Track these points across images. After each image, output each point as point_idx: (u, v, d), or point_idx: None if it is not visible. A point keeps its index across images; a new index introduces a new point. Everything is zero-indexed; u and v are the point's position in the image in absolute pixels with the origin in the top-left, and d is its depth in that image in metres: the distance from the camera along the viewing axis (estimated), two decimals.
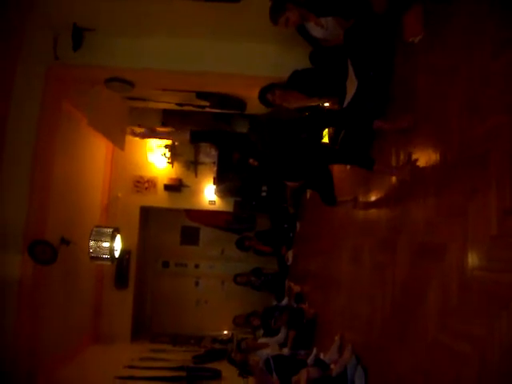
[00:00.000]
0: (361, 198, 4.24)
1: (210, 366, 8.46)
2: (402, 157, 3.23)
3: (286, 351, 6.14)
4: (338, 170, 5.10)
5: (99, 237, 6.36)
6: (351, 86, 4.08)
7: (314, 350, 5.14)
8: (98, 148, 9.33)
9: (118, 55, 5.94)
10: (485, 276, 2.01)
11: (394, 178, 3.33)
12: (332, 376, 3.95)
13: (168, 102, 8.23)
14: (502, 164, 1.92)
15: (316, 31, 4.56)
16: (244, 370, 6.04)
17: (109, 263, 6.87)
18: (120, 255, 6.96)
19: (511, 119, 1.89)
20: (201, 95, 7.59)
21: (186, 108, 8.43)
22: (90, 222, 7.92)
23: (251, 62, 6.06)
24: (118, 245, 6.62)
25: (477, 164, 2.13)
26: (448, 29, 2.61)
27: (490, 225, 1.95)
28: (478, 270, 2.07)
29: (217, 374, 7.89)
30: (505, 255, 1.86)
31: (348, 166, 4.84)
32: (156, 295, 11.58)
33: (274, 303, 8.47)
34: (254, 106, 7.22)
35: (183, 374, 7.98)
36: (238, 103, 7.86)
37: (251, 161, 8.08)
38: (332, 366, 4.17)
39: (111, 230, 6.50)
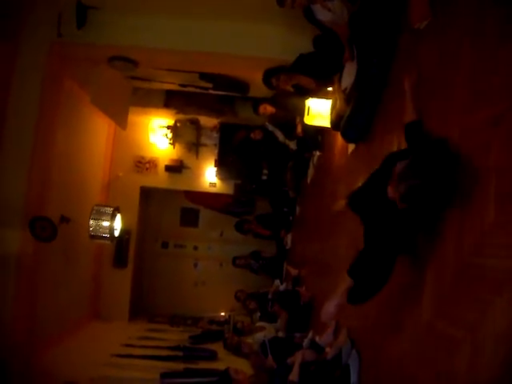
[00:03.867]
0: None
1: (206, 346, 8.53)
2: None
3: (281, 334, 6.20)
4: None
5: (99, 216, 6.38)
6: (351, 69, 4.07)
7: (310, 333, 5.18)
8: (100, 127, 9.32)
9: (121, 34, 5.92)
10: (481, 262, 2.02)
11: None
12: (327, 359, 3.99)
13: (171, 83, 8.21)
14: (502, 152, 1.92)
15: (322, 14, 4.54)
16: (238, 353, 6.09)
17: (108, 242, 6.89)
18: (120, 235, 6.98)
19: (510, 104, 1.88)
20: (204, 76, 7.57)
21: (188, 89, 8.42)
22: (91, 200, 7.94)
23: (256, 43, 6.03)
24: (117, 224, 6.63)
25: (478, 150, 2.13)
26: (455, 13, 2.58)
27: (488, 211, 1.96)
28: (474, 256, 2.08)
29: (213, 355, 7.95)
30: (501, 241, 1.87)
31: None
32: (155, 275, 11.62)
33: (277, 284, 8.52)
34: (257, 89, 7.23)
35: (180, 353, 8.04)
36: (241, 86, 7.85)
37: (253, 135, 8.11)
38: (327, 350, 4.20)
39: (111, 209, 6.51)
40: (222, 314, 10.38)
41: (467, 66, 2.34)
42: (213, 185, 10.55)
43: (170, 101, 9.41)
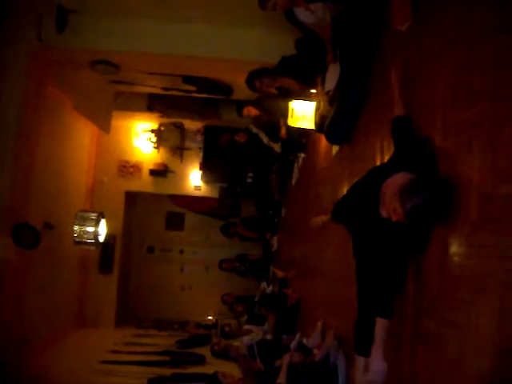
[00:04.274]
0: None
1: (194, 350, 8.50)
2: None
3: (269, 337, 6.19)
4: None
5: (83, 221, 6.32)
6: (334, 71, 4.08)
7: (297, 335, 5.18)
8: (83, 131, 9.26)
9: (102, 37, 5.87)
10: (464, 262, 2.03)
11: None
12: (315, 361, 3.99)
13: (154, 87, 8.17)
14: (484, 150, 1.94)
15: (304, 16, 4.54)
16: (226, 356, 6.07)
17: (93, 248, 6.84)
18: (104, 240, 6.93)
19: (493, 107, 1.89)
20: (187, 80, 7.55)
21: (172, 92, 8.39)
22: (75, 206, 7.87)
23: (238, 46, 6.03)
24: (102, 229, 6.58)
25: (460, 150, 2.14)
26: (437, 16, 2.60)
27: (471, 210, 1.97)
28: (457, 255, 2.09)
29: (201, 359, 7.93)
30: (485, 241, 1.88)
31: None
32: (141, 280, 11.57)
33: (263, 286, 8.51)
34: (241, 91, 7.22)
35: (167, 358, 8.01)
36: (225, 88, 7.84)
37: (237, 138, 8.11)
38: (315, 351, 4.21)
39: (96, 214, 6.46)
40: (210, 317, 10.37)
41: (448, 66, 2.35)
42: (198, 188, 10.53)
43: (153, 104, 9.37)
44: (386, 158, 3.16)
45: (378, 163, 3.33)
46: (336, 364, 3.69)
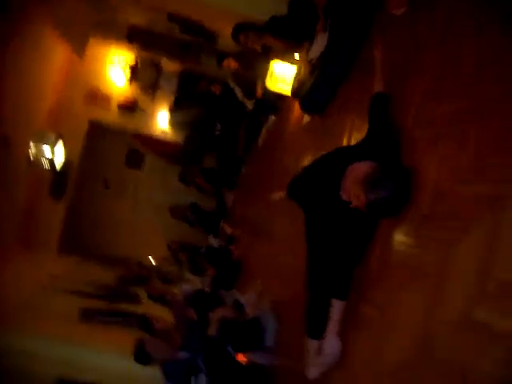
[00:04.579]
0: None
1: (132, 289, 8.53)
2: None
3: (207, 289, 6.26)
4: None
5: (41, 140, 6.18)
6: (322, 41, 4.05)
7: (234, 292, 5.26)
8: (57, 51, 8.91)
9: None
10: (407, 251, 2.09)
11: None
12: (245, 319, 4.07)
13: (137, 18, 7.95)
14: (450, 146, 1.97)
15: None
16: (162, 301, 6.11)
17: (47, 169, 6.71)
18: (60, 164, 6.81)
19: (471, 104, 1.92)
20: (173, 18, 7.37)
21: (155, 28, 8.18)
22: (35, 125, 7.64)
23: None
24: (59, 152, 6.45)
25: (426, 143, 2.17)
26: (431, 6, 2.59)
27: (424, 203, 2.01)
28: (402, 244, 2.14)
29: (137, 298, 7.97)
30: (431, 234, 1.93)
31: None
32: (91, 212, 11.43)
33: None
34: (225, 42, 7.10)
35: (106, 292, 8.02)
36: (209, 34, 7.70)
37: (212, 88, 8.01)
38: (247, 310, 4.28)
39: (54, 135, 6.31)
40: (152, 260, 10.38)
41: (434, 59, 2.36)
42: (164, 131, 10.38)
43: (133, 36, 9.12)
44: (354, 138, 3.18)
45: (345, 141, 3.35)
46: (266, 326, 3.77)
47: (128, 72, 9.93)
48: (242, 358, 3.85)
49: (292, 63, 5.29)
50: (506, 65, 1.78)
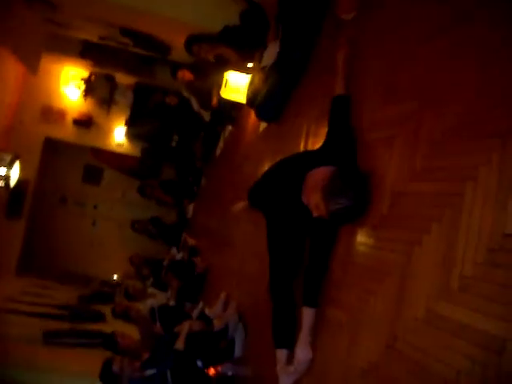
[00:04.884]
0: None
1: (95, 307, 8.39)
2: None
3: (172, 303, 6.20)
4: None
5: None
6: (273, 49, 4.08)
7: (200, 304, 5.22)
8: (9, 69, 8.76)
9: None
10: (369, 253, 2.11)
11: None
12: (213, 331, 4.04)
13: (89, 33, 7.86)
14: (404, 146, 2.01)
15: None
16: (126, 318, 6.02)
17: (2, 189, 6.56)
18: (16, 184, 6.67)
19: (421, 106, 1.96)
20: (125, 32, 7.31)
21: (108, 42, 8.11)
22: None
23: (183, 7, 5.90)
24: (15, 172, 6.32)
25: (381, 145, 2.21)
26: (381, 10, 2.64)
27: (382, 205, 2.04)
28: (364, 246, 2.17)
29: (100, 317, 7.84)
30: (391, 235, 1.96)
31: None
32: (50, 231, 11.20)
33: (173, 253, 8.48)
34: (178, 54, 7.09)
35: (66, 312, 7.86)
36: (163, 47, 7.66)
37: (168, 100, 7.98)
38: (215, 322, 4.25)
39: (10, 155, 6.19)
40: (115, 276, 10.24)
41: (384, 62, 2.40)
42: (120, 145, 10.28)
43: (86, 52, 9.03)
44: (311, 142, 3.21)
45: (302, 146, 3.37)
46: (234, 336, 3.76)
47: (82, 87, 9.83)
48: (212, 371, 3.83)
49: (246, 72, 5.32)
50: (455, 66, 1.82)
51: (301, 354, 2.36)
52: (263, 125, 4.72)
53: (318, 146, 2.72)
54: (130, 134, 10.01)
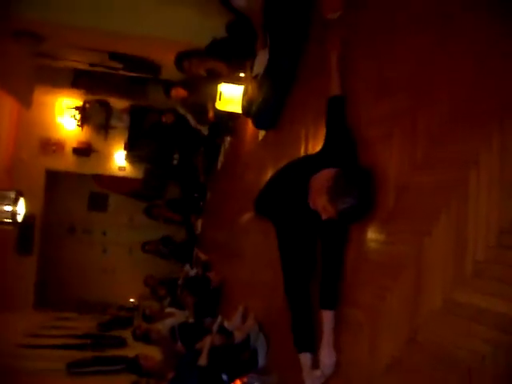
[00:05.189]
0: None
1: (115, 333, 8.39)
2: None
3: (191, 320, 6.19)
4: None
5: (1, 200, 6.06)
6: (263, 57, 4.10)
7: (219, 318, 5.21)
8: (2, 106, 8.83)
9: (28, 7, 5.60)
10: (382, 248, 2.11)
11: None
12: (235, 343, 4.03)
13: (80, 62, 7.90)
14: (403, 139, 2.01)
15: (238, 0, 4.51)
16: (147, 340, 6.02)
17: (11, 228, 6.59)
18: (23, 220, 6.68)
19: (415, 100, 1.97)
20: (114, 56, 7.35)
21: (98, 69, 8.15)
22: None
23: (169, 25, 5.92)
24: (21, 209, 6.33)
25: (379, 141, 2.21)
26: (367, 8, 2.65)
27: (389, 200, 2.05)
28: (375, 242, 2.17)
29: (122, 342, 7.85)
30: (400, 228, 1.96)
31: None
32: (62, 262, 11.22)
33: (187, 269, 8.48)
34: (170, 71, 7.11)
35: (88, 341, 7.87)
36: (153, 67, 7.69)
37: (164, 119, 8.01)
38: (235, 334, 4.25)
39: (14, 193, 6.20)
40: (132, 300, 10.24)
41: (374, 59, 2.42)
42: (122, 168, 10.32)
43: (78, 80, 9.08)
44: (312, 145, 3.22)
45: (303, 149, 3.38)
46: (256, 346, 3.75)
47: (78, 116, 9.88)
48: (238, 383, 3.82)
49: (238, 83, 5.34)
50: (444, 59, 1.83)
51: (326, 357, 2.36)
52: (262, 133, 4.73)
53: (318, 148, 2.73)
54: (131, 157, 10.05)
